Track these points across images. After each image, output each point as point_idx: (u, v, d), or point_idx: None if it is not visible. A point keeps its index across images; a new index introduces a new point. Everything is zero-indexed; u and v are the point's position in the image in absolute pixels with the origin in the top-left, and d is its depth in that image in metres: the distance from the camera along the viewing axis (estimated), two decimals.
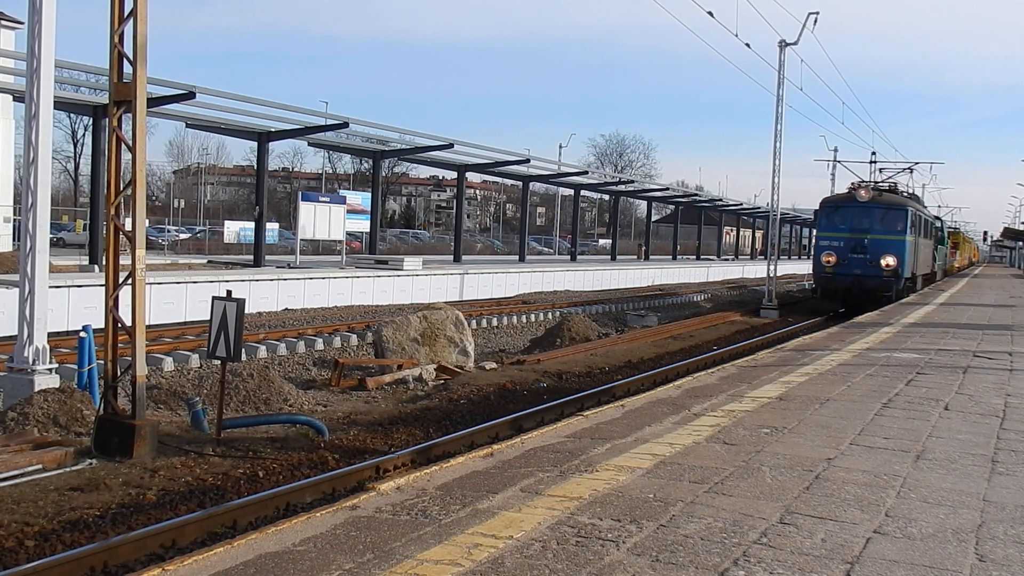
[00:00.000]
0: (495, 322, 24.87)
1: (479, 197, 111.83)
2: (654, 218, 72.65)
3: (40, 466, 8.90)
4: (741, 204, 70.59)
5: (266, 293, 24.98)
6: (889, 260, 27.67)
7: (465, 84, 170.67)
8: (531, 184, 48.81)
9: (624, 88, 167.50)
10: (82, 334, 11.72)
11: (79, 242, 37.82)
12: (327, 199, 34.39)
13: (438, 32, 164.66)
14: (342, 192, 41.46)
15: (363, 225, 37.56)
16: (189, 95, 23.89)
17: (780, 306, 31.19)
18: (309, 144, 44.73)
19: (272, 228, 45.73)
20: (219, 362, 10.60)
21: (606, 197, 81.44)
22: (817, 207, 30.46)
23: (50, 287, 12.28)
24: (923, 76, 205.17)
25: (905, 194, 33.86)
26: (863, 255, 27.98)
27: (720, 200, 69.46)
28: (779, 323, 27.92)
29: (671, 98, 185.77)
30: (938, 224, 46.26)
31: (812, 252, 31.38)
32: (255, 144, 30.79)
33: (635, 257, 62.18)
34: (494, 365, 17.21)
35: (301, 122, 30.27)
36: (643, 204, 74.64)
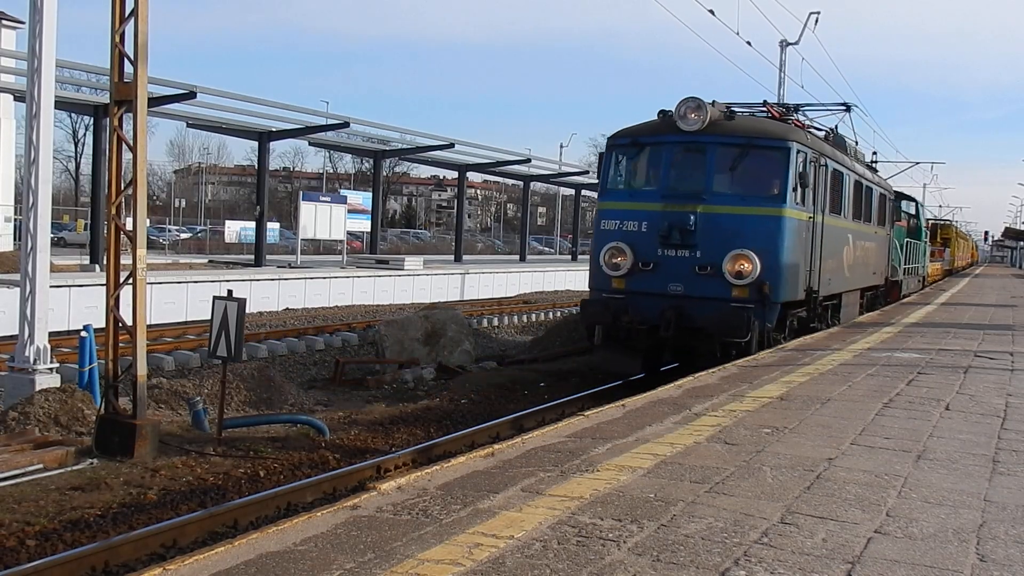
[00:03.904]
0: (496, 322, 24.88)
1: (480, 197, 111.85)
2: None
3: (41, 465, 8.91)
4: None
5: (267, 293, 24.99)
6: (743, 263, 12.31)
7: (466, 84, 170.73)
8: (532, 184, 48.85)
9: (625, 87, 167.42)
10: (83, 334, 11.73)
11: (80, 242, 37.82)
12: (328, 199, 34.44)
13: (439, 32, 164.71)
14: (343, 192, 41.53)
15: (364, 225, 37.60)
16: (190, 95, 23.91)
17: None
18: (310, 144, 44.79)
19: (273, 228, 45.74)
20: (220, 362, 10.61)
21: None
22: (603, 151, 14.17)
23: (51, 287, 12.28)
24: (924, 76, 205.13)
25: (814, 132, 15.37)
26: (688, 251, 12.57)
27: None
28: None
29: (672, 97, 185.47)
30: (911, 210, 30.97)
31: (592, 248, 13.92)
32: (256, 144, 30.82)
33: None
34: (495, 365, 17.21)
35: (302, 122, 30.30)
36: None
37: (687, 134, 12.79)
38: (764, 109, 14.70)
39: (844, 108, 19.09)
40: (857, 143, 19.94)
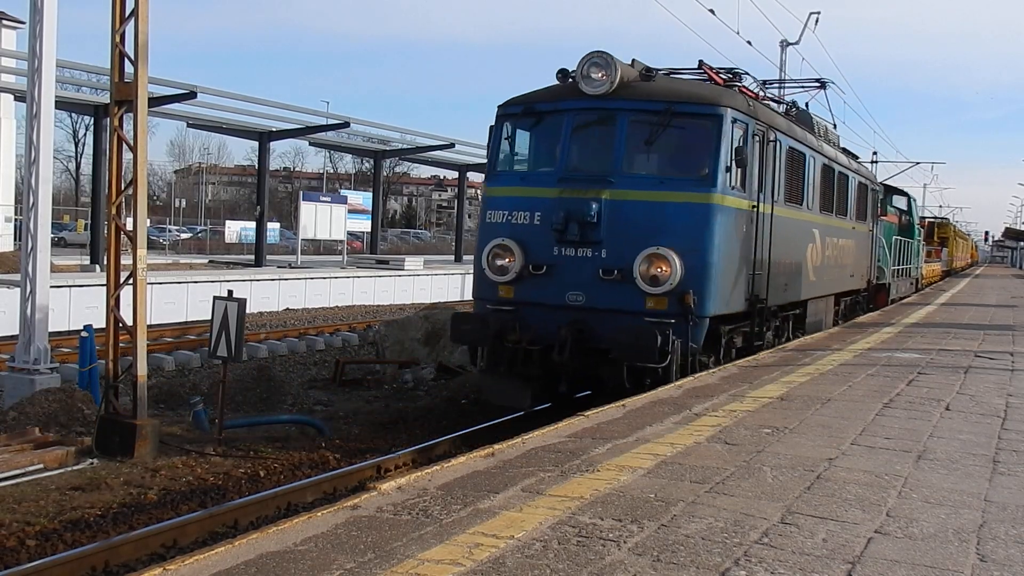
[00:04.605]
0: None
1: (480, 196, 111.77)
2: None
3: (41, 465, 8.91)
4: None
5: (267, 293, 25.00)
6: (660, 266, 9.65)
7: (466, 84, 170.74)
8: None
9: None
10: (83, 334, 11.74)
11: (80, 242, 37.85)
12: (328, 199, 34.46)
13: (439, 32, 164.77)
14: (343, 192, 41.58)
15: (364, 225, 37.62)
16: (190, 95, 23.92)
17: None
18: (310, 144, 44.78)
19: (273, 228, 45.79)
20: (220, 362, 10.61)
21: None
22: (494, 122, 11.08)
23: (51, 287, 12.30)
24: (925, 76, 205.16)
25: (770, 105, 13.04)
26: (591, 250, 9.93)
27: None
28: None
29: None
30: (903, 205, 28.62)
31: (476, 246, 10.88)
32: (256, 144, 30.83)
33: None
34: None
35: (302, 122, 30.31)
36: None
37: (591, 99, 10.07)
38: (700, 71, 11.72)
39: (818, 85, 16.91)
40: (836, 126, 17.37)
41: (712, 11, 23.56)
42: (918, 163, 45.15)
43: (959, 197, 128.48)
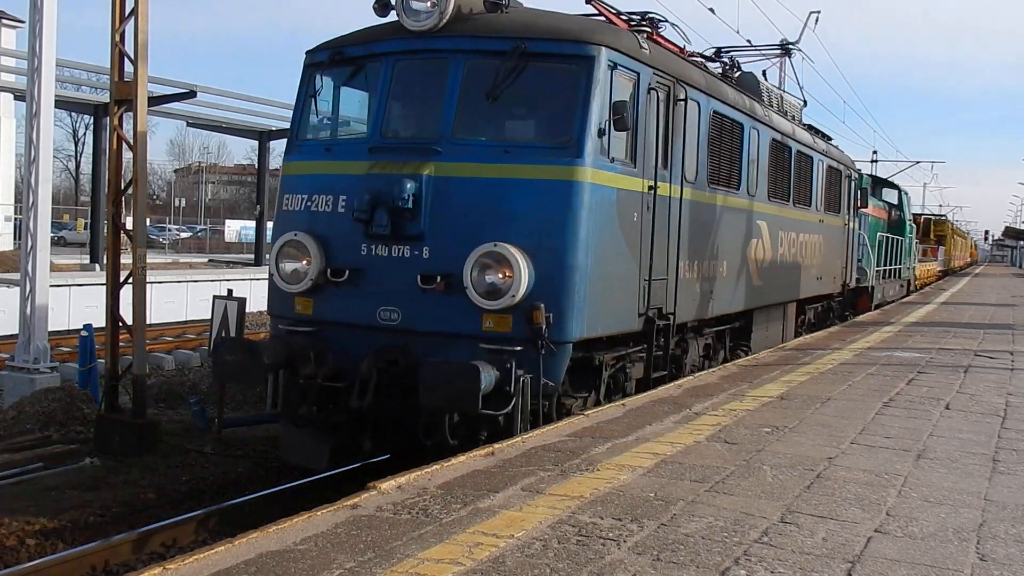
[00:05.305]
0: None
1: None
2: None
3: (41, 464, 8.91)
4: None
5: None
6: (502, 271, 6.88)
7: None
8: None
9: None
10: (83, 333, 11.73)
11: (80, 241, 37.86)
12: None
13: None
14: None
15: None
16: (190, 94, 23.88)
17: None
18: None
19: None
20: None
21: None
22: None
23: (51, 286, 12.29)
24: (925, 76, 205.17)
25: (696, 62, 10.32)
26: (409, 248, 7.24)
27: None
28: None
29: None
30: (893, 199, 26.33)
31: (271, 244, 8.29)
32: (256, 143, 30.79)
33: None
34: None
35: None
36: None
37: (416, 37, 7.49)
38: (596, 10, 9.11)
39: (781, 51, 14.59)
40: (806, 102, 15.09)
41: (712, 10, 23.56)
42: (918, 162, 45.24)
43: (959, 196, 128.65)
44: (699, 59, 10.92)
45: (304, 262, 7.54)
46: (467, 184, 7.19)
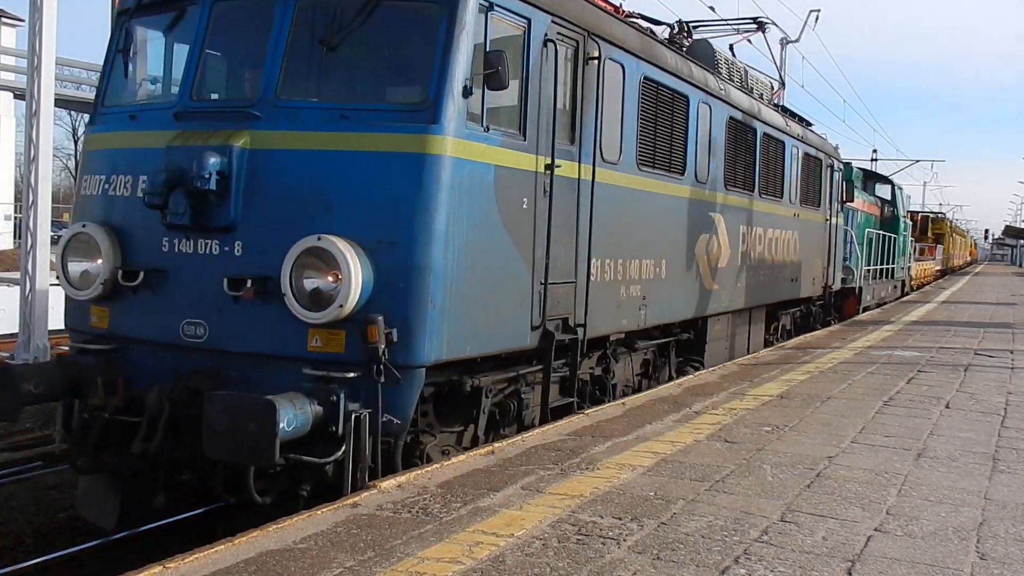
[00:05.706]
0: None
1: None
2: None
3: (40, 463, 8.91)
4: None
5: None
6: (327, 272, 5.35)
7: None
8: None
9: None
10: None
11: None
12: None
13: None
14: None
15: None
16: None
17: None
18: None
19: None
20: None
21: None
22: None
23: (51, 285, 12.28)
24: (927, 75, 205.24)
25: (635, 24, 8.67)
26: (218, 241, 5.70)
27: None
28: None
29: None
30: (887, 194, 25.13)
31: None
32: None
33: None
34: None
35: None
36: None
37: None
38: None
39: (754, 25, 13.47)
40: (784, 84, 13.58)
41: (712, 8, 23.56)
42: (918, 161, 45.25)
43: (959, 195, 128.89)
44: (641, 22, 9.36)
45: (94, 260, 6.08)
46: (292, 158, 5.68)
